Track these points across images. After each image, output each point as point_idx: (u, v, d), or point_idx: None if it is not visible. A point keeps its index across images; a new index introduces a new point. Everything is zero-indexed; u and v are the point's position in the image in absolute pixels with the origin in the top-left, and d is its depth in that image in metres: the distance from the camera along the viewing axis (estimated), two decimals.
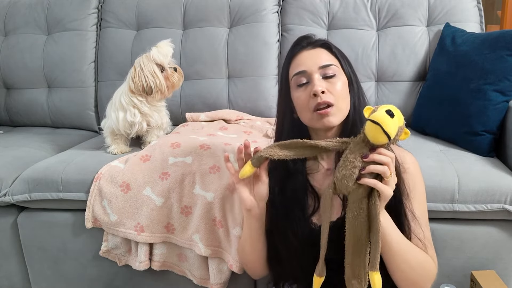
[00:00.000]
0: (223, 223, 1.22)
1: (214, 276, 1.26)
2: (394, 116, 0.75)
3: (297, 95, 0.94)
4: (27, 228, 1.41)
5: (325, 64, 0.92)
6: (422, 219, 0.93)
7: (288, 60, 0.97)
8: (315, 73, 0.91)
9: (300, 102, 0.93)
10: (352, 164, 0.78)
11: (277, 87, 1.81)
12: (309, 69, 0.92)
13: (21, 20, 1.99)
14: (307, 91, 0.91)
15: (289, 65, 0.97)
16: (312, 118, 0.92)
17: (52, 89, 1.95)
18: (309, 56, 0.94)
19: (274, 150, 0.85)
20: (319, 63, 0.92)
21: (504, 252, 1.25)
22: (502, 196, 1.19)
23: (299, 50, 0.96)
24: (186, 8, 1.88)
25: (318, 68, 0.92)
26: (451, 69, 1.50)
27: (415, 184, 0.94)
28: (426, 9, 1.74)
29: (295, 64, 0.95)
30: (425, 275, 0.89)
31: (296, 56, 0.95)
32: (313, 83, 0.91)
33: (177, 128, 1.66)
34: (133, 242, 1.31)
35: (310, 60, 0.93)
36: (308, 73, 0.92)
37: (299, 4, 1.82)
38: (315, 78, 0.91)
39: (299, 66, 0.93)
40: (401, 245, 0.85)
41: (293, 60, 0.96)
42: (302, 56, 0.95)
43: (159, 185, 1.25)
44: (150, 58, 1.41)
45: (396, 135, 0.77)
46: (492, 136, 1.35)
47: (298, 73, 0.93)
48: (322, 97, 0.89)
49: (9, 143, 1.68)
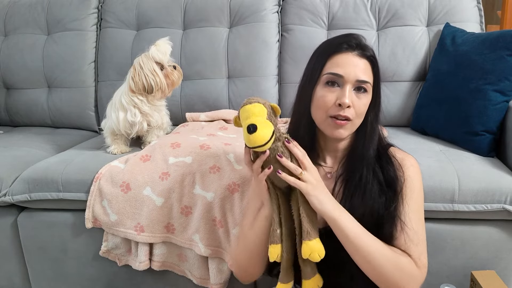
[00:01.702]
0: (223, 223, 1.22)
1: (214, 276, 1.26)
2: (256, 127, 0.78)
3: (322, 94, 0.89)
4: (27, 228, 1.41)
5: (363, 79, 0.88)
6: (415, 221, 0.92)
7: (328, 53, 0.90)
8: (349, 83, 0.87)
9: (321, 102, 0.89)
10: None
11: (277, 87, 1.82)
12: (346, 76, 0.87)
13: (21, 20, 1.99)
14: (333, 95, 0.88)
15: (327, 58, 0.90)
16: (325, 121, 0.89)
17: (52, 89, 1.95)
18: (352, 62, 0.88)
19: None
20: (359, 76, 0.88)
21: (504, 252, 1.25)
22: (502, 196, 1.19)
23: (345, 49, 0.89)
24: (186, 8, 1.88)
25: (355, 80, 0.88)
26: (451, 69, 1.50)
27: (413, 187, 0.93)
28: (426, 9, 1.74)
29: (335, 62, 0.89)
30: (404, 277, 0.87)
31: (340, 54, 0.89)
32: (344, 92, 0.87)
33: (177, 128, 1.66)
34: (133, 242, 1.31)
35: (352, 68, 0.88)
36: (344, 80, 0.87)
37: (299, 4, 1.82)
38: (347, 88, 0.87)
39: (338, 68, 0.88)
40: (361, 238, 0.85)
41: (334, 57, 0.89)
42: (346, 58, 0.89)
43: (159, 185, 1.25)
44: (150, 56, 1.41)
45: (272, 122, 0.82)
46: (492, 136, 1.35)
47: (333, 74, 0.88)
48: (345, 111, 0.87)
49: (9, 143, 1.68)
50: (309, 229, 0.83)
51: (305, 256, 0.83)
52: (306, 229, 0.83)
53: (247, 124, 0.79)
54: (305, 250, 0.83)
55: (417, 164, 0.97)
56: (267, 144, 0.80)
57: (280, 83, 1.82)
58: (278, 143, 0.83)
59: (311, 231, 0.83)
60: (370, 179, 0.92)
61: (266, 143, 0.79)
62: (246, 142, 0.81)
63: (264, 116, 0.81)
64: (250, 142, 0.80)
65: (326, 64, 0.90)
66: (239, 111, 0.84)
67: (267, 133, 0.79)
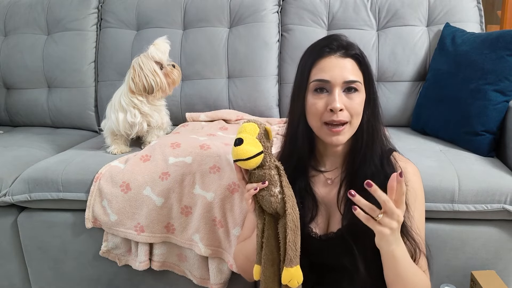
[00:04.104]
0: (223, 223, 1.22)
1: (214, 276, 1.26)
2: (242, 141, 0.81)
3: (312, 102, 0.87)
4: (27, 228, 1.41)
5: (351, 79, 0.86)
6: (420, 231, 0.92)
7: (312, 60, 0.88)
8: (337, 86, 0.85)
9: (313, 110, 0.87)
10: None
11: (277, 87, 1.82)
12: (333, 80, 0.85)
13: (21, 20, 1.99)
14: (324, 101, 0.86)
15: (312, 65, 0.88)
16: (321, 129, 0.88)
17: (52, 89, 1.95)
18: (336, 65, 0.86)
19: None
20: (345, 77, 0.85)
21: (504, 252, 1.25)
22: (502, 196, 1.19)
23: (327, 53, 0.87)
24: (186, 8, 1.88)
25: (342, 82, 0.85)
26: (451, 69, 1.50)
27: (416, 197, 0.92)
28: (426, 9, 1.74)
29: (319, 68, 0.87)
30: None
31: (323, 59, 0.87)
32: (333, 97, 0.85)
33: (177, 128, 1.66)
34: (133, 242, 1.31)
35: (336, 70, 0.86)
36: (331, 84, 0.86)
37: (299, 4, 1.82)
38: (336, 92, 0.85)
39: (323, 74, 0.86)
40: (408, 270, 0.83)
41: (318, 63, 0.87)
42: (329, 62, 0.87)
43: (159, 185, 1.25)
44: (149, 56, 1.41)
45: (263, 143, 0.83)
46: (492, 136, 1.35)
47: (320, 80, 0.86)
48: (339, 115, 0.85)
49: (9, 143, 1.68)
50: (292, 257, 0.84)
51: (285, 282, 0.85)
52: (290, 256, 0.84)
53: (236, 137, 0.83)
54: (286, 276, 0.84)
55: (418, 173, 0.97)
56: (251, 161, 0.82)
57: (280, 83, 1.82)
58: (271, 172, 0.85)
59: (293, 259, 0.84)
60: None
61: (248, 158, 0.81)
62: (231, 154, 0.84)
63: (254, 135, 0.83)
64: (233, 154, 0.83)
65: (311, 71, 0.88)
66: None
67: (252, 150, 0.81)
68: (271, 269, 0.89)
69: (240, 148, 0.81)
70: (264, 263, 0.88)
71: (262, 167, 0.85)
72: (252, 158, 0.82)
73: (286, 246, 0.84)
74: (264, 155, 0.84)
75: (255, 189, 0.84)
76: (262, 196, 0.86)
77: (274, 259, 0.89)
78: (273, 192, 0.85)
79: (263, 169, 0.85)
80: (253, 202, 0.87)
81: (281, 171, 0.86)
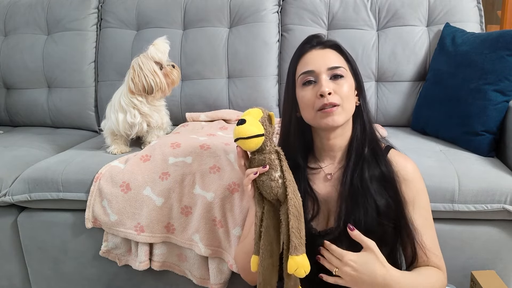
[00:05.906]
0: (223, 223, 1.22)
1: (214, 276, 1.26)
2: (245, 121, 0.83)
3: (302, 94, 0.93)
4: (27, 228, 1.41)
5: (334, 65, 0.91)
6: (427, 225, 0.93)
7: (296, 58, 0.96)
8: (323, 74, 0.91)
9: (305, 101, 0.92)
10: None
11: (277, 87, 1.82)
12: (317, 69, 0.91)
13: (21, 20, 1.99)
14: (313, 90, 0.91)
15: (297, 63, 0.96)
16: (316, 116, 0.91)
17: (52, 89, 1.95)
18: (318, 56, 0.93)
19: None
20: (328, 64, 0.91)
21: (504, 252, 1.25)
22: (502, 196, 1.19)
23: (308, 49, 0.95)
24: (186, 8, 1.88)
25: (326, 69, 0.91)
26: (451, 69, 1.50)
27: (417, 191, 0.94)
28: (426, 9, 1.74)
29: (304, 62, 0.94)
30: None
31: (305, 54, 0.95)
32: (320, 83, 0.90)
33: (177, 128, 1.66)
34: (133, 242, 1.31)
35: (319, 60, 0.92)
36: (316, 73, 0.91)
37: (299, 4, 1.82)
38: (322, 78, 0.90)
39: (307, 65, 0.93)
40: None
41: (302, 59, 0.95)
42: (311, 55, 0.94)
43: (159, 185, 1.25)
44: (149, 56, 1.40)
45: (265, 127, 0.84)
46: (492, 136, 1.35)
47: (305, 72, 0.92)
48: (329, 98, 0.88)
49: (9, 143, 1.68)
50: (297, 244, 0.81)
51: (291, 271, 0.81)
52: (295, 244, 0.81)
53: (239, 118, 0.84)
54: (292, 265, 0.81)
55: (417, 168, 0.98)
56: (251, 141, 0.82)
57: (280, 83, 1.82)
58: (272, 156, 0.85)
59: (299, 247, 0.81)
60: (369, 177, 0.92)
61: (249, 137, 0.82)
62: (233, 133, 0.85)
63: (257, 117, 0.85)
64: (235, 133, 0.84)
65: (297, 68, 0.95)
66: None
67: (253, 130, 0.82)
68: (269, 260, 0.87)
69: (242, 127, 0.83)
70: (262, 254, 0.86)
71: (262, 152, 0.85)
72: (252, 137, 0.82)
73: (290, 233, 0.82)
74: (265, 139, 0.84)
75: (255, 173, 0.85)
76: (262, 181, 0.85)
77: (273, 250, 0.87)
78: (274, 176, 0.84)
79: (263, 153, 0.85)
80: (252, 187, 0.87)
81: (281, 155, 0.86)
